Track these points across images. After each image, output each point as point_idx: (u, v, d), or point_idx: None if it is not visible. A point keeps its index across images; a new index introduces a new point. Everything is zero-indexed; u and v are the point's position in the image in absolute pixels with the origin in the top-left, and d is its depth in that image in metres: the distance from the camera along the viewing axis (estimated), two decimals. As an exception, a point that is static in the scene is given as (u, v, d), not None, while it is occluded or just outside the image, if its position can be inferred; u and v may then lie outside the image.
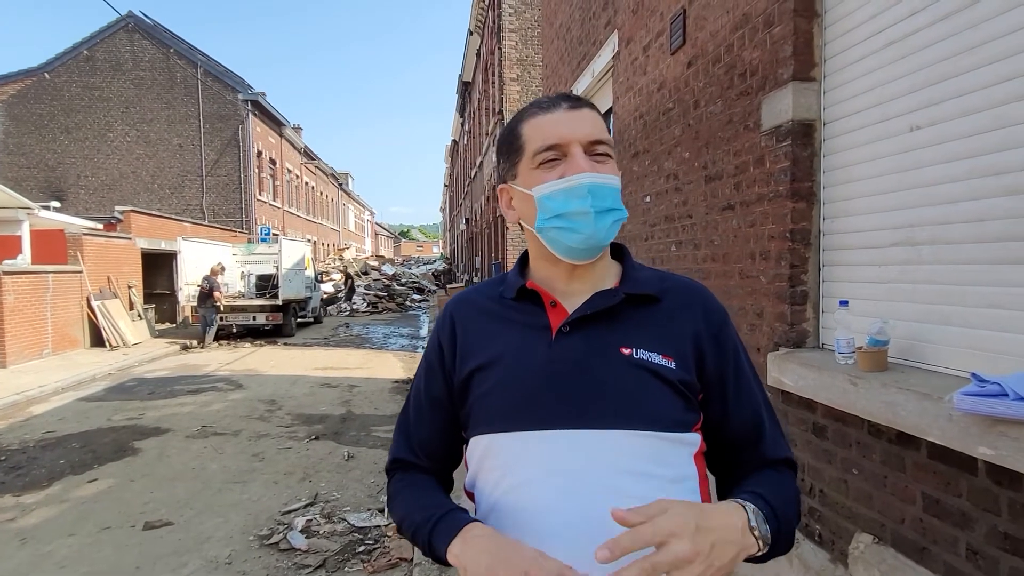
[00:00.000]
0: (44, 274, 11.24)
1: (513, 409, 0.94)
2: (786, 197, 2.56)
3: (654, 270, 1.07)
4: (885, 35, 2.15)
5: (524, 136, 0.98)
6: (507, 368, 0.96)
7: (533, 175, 0.96)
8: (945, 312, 1.92)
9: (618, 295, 0.97)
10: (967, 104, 1.82)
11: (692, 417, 0.95)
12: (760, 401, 1.01)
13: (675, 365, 0.94)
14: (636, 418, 0.90)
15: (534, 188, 0.95)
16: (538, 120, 0.97)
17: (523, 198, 0.98)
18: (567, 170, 0.93)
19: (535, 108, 0.99)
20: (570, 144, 0.94)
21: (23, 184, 21.24)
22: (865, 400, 1.96)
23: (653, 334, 0.96)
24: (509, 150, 1.01)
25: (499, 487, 0.93)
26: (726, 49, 3.12)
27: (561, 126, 0.95)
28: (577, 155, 0.93)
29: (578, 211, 0.92)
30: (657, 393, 0.92)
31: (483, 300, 1.07)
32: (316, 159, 34.25)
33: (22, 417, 7.14)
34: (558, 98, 0.99)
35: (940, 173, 1.92)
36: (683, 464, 0.93)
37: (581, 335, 0.95)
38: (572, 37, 6.68)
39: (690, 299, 1.01)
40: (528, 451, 0.91)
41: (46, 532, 3.94)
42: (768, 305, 2.73)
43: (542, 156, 0.95)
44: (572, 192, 0.92)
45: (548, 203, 0.94)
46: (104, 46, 22.67)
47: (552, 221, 0.94)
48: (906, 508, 1.94)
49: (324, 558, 3.55)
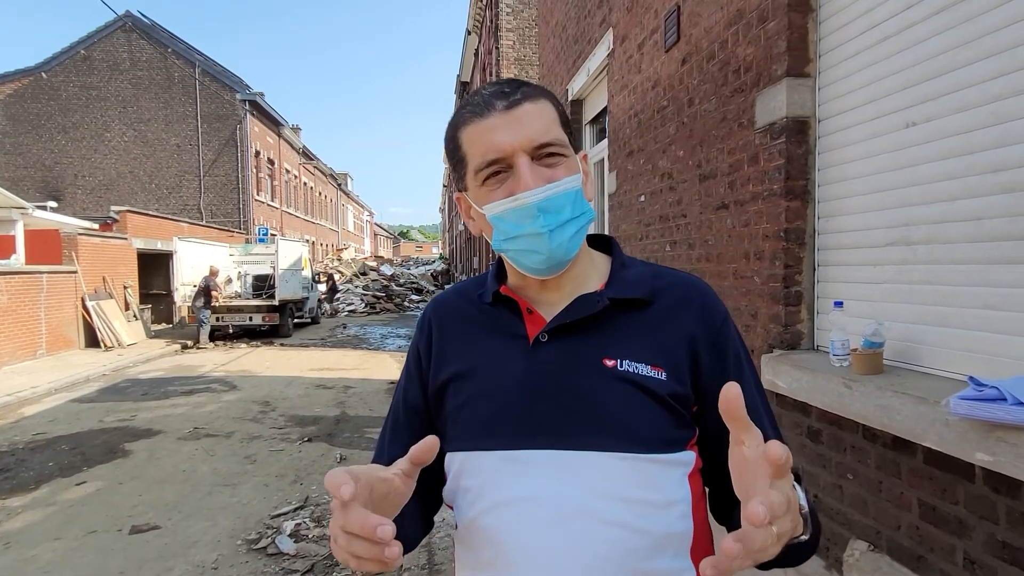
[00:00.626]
0: (38, 274, 11.17)
1: (486, 425, 0.86)
2: (780, 196, 2.51)
3: (648, 266, 0.96)
4: (880, 30, 2.10)
5: (463, 147, 0.87)
6: (481, 380, 0.89)
7: (480, 192, 0.86)
8: (942, 313, 1.86)
9: (601, 301, 0.87)
10: (964, 99, 1.77)
11: (685, 434, 0.86)
12: (762, 412, 0.90)
13: (666, 376, 0.84)
14: (619, 438, 0.81)
15: (484, 207, 0.86)
16: (474, 128, 0.85)
17: (477, 213, 0.89)
18: (515, 186, 0.82)
19: (468, 112, 0.86)
20: (513, 154, 0.82)
21: (20, 184, 21.19)
22: (860, 403, 1.91)
23: (641, 342, 0.87)
24: (453, 160, 0.90)
25: (473, 508, 0.86)
26: (720, 45, 3.07)
27: (498, 134, 0.82)
28: (522, 167, 0.82)
29: (531, 232, 0.83)
30: (644, 410, 0.83)
31: (462, 303, 0.99)
32: (315, 159, 34.20)
33: (13, 419, 7.08)
34: (492, 95, 0.85)
35: (936, 170, 1.87)
36: (673, 487, 0.84)
37: (560, 345, 0.87)
38: (568, 35, 6.63)
39: (686, 298, 0.91)
40: (502, 472, 0.84)
41: (31, 536, 3.88)
42: (762, 306, 2.67)
43: (484, 173, 0.84)
44: (521, 213, 0.82)
45: (500, 224, 0.85)
46: (101, 46, 22.62)
47: (508, 243, 0.86)
48: (902, 515, 1.89)
49: (312, 563, 3.49)
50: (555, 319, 0.88)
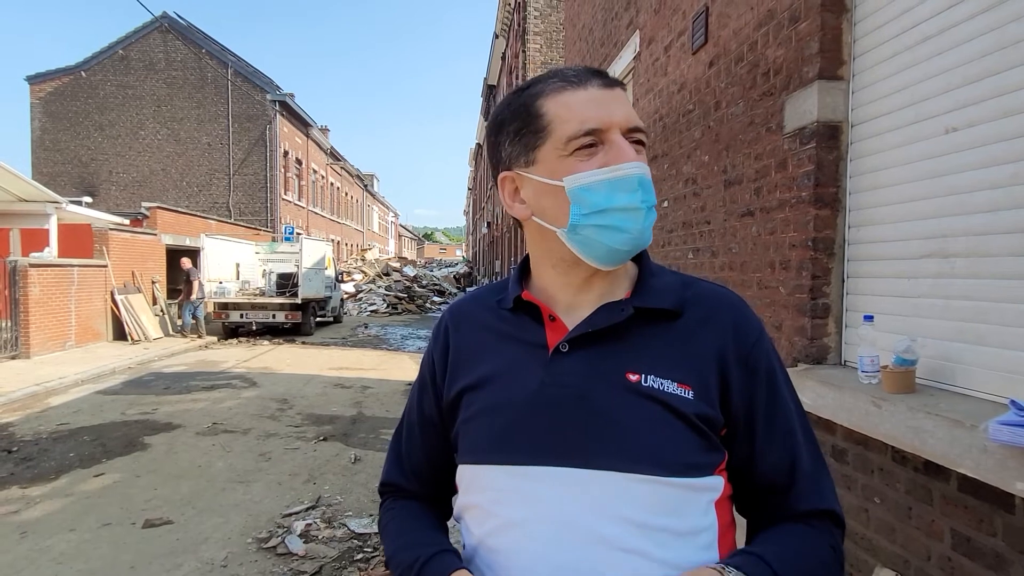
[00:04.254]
0: (69, 267, 11.44)
1: (499, 439, 0.81)
2: (809, 203, 2.41)
3: (677, 275, 0.91)
4: (920, 30, 2.00)
5: (549, 115, 0.80)
6: (495, 391, 0.84)
7: (564, 163, 0.79)
8: (980, 331, 1.75)
9: (626, 310, 0.82)
10: (1009, 104, 1.66)
11: (713, 458, 0.80)
12: (799, 440, 0.83)
13: (693, 395, 0.79)
14: (640, 459, 0.75)
15: (567, 178, 0.79)
16: (567, 97, 0.80)
17: (544, 190, 0.81)
18: (610, 159, 0.78)
19: (559, 81, 0.82)
20: (610, 129, 0.79)
21: (57, 180, 21.81)
22: (889, 424, 1.80)
23: (668, 356, 0.81)
24: (525, 131, 0.83)
25: (483, 526, 0.81)
26: (749, 47, 2.97)
27: (599, 107, 0.79)
28: (621, 142, 0.79)
29: (627, 206, 0.78)
30: (668, 430, 0.77)
31: (479, 310, 0.94)
32: (342, 160, 34.59)
33: (39, 408, 7.23)
34: (587, 72, 0.82)
35: (978, 179, 1.76)
36: (698, 515, 0.77)
37: (582, 356, 0.81)
38: (594, 39, 6.56)
39: (717, 311, 0.85)
40: (514, 489, 0.79)
41: (47, 526, 3.93)
42: (787, 318, 2.57)
43: (579, 142, 0.78)
44: (620, 184, 0.78)
45: (587, 196, 0.78)
46: (138, 46, 23.21)
47: (592, 218, 0.78)
48: (933, 544, 1.77)
49: (320, 565, 3.46)
50: (577, 327, 0.82)
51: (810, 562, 0.77)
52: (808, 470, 0.83)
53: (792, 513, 0.82)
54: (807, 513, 0.82)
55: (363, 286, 24.43)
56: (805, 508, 0.82)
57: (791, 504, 0.82)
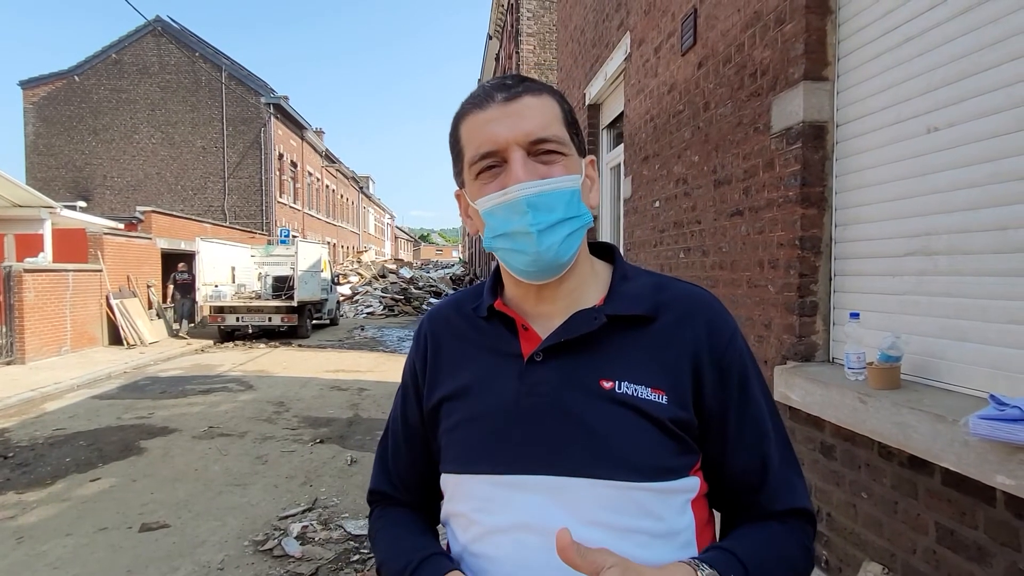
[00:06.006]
0: (64, 272, 11.42)
1: (478, 449, 0.83)
2: (796, 203, 2.43)
3: (651, 276, 0.91)
4: (902, 31, 2.03)
5: (462, 140, 0.84)
6: (473, 401, 0.85)
7: (474, 186, 0.83)
8: (963, 327, 1.78)
9: (599, 318, 0.82)
10: (988, 103, 1.69)
11: (688, 460, 0.81)
12: (771, 439, 0.85)
13: (666, 400, 0.80)
14: (615, 466, 0.77)
15: (477, 201, 0.82)
16: (472, 120, 0.82)
17: (472, 209, 0.85)
18: (506, 180, 0.79)
19: (469, 103, 0.84)
20: (508, 148, 0.79)
21: (51, 184, 21.75)
22: (875, 420, 1.83)
23: (641, 362, 0.81)
24: (453, 153, 0.87)
25: (467, 533, 0.83)
26: (737, 48, 3.00)
27: (495, 126, 0.79)
28: (515, 161, 0.78)
29: (519, 229, 0.78)
30: (642, 436, 0.78)
31: (456, 317, 0.94)
32: (337, 162, 34.56)
33: (35, 413, 7.22)
34: (493, 87, 0.83)
35: (959, 177, 1.79)
36: (674, 515, 0.79)
37: (555, 365, 0.82)
38: (586, 40, 6.58)
39: (691, 313, 0.85)
40: (495, 497, 0.80)
41: (44, 531, 3.93)
42: (776, 316, 2.60)
43: (478, 166, 0.81)
44: (510, 208, 0.78)
45: (490, 220, 0.81)
46: (132, 50, 23.17)
47: (497, 240, 0.81)
48: (918, 538, 1.80)
49: (317, 566, 3.47)
50: (550, 337, 0.83)
51: (779, 555, 0.79)
52: (778, 471, 0.84)
53: (764, 511, 0.83)
54: (780, 512, 0.83)
55: (359, 288, 24.42)
56: (778, 507, 0.83)
57: (763, 502, 0.83)
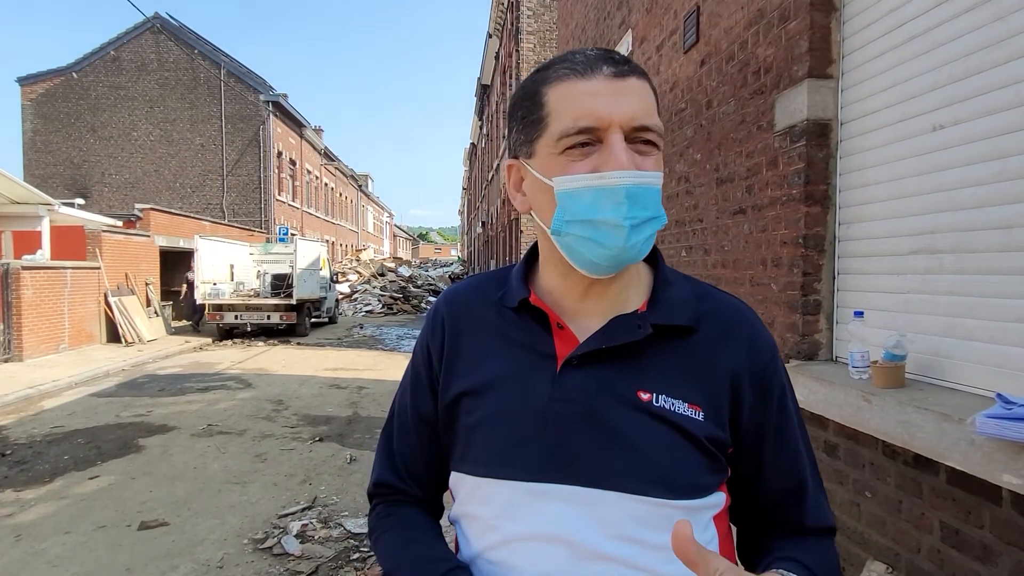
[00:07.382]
0: (62, 270, 11.38)
1: (503, 452, 0.78)
2: (800, 201, 2.43)
3: (692, 283, 0.86)
4: (907, 29, 2.02)
5: (549, 106, 0.74)
6: (499, 400, 0.80)
7: (555, 161, 0.73)
8: (968, 326, 1.77)
9: (644, 328, 0.77)
10: (994, 102, 1.68)
11: (718, 478, 0.79)
12: (804, 459, 0.83)
13: (703, 417, 0.76)
14: (649, 482, 0.74)
15: (555, 178, 0.73)
16: (569, 87, 0.73)
17: (539, 186, 0.76)
18: (601, 163, 0.71)
19: (565, 68, 0.74)
20: (609, 128, 0.71)
21: (50, 182, 21.69)
22: (879, 419, 1.82)
23: (680, 375, 0.77)
24: (527, 120, 0.77)
25: (483, 539, 0.80)
26: (740, 46, 2.99)
27: (599, 102, 0.71)
28: (616, 144, 0.71)
29: (608, 220, 0.71)
30: (678, 453, 0.75)
31: (479, 304, 0.87)
32: (336, 160, 34.51)
33: (33, 411, 7.19)
34: (598, 58, 0.73)
35: (964, 176, 1.78)
36: (699, 531, 0.77)
37: (592, 371, 0.78)
38: (587, 38, 6.57)
39: (733, 328, 0.81)
40: (518, 505, 0.77)
41: (42, 529, 3.91)
42: (779, 315, 2.59)
43: (570, 140, 0.72)
44: (605, 194, 0.71)
45: (570, 202, 0.73)
46: (130, 47, 23.10)
47: (573, 226, 0.73)
48: (923, 537, 1.80)
49: (317, 565, 3.46)
50: (590, 342, 0.78)
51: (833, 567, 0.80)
52: (812, 491, 0.84)
53: (798, 528, 0.83)
54: (814, 529, 0.83)
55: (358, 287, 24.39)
56: (811, 524, 0.83)
57: (797, 520, 0.83)
